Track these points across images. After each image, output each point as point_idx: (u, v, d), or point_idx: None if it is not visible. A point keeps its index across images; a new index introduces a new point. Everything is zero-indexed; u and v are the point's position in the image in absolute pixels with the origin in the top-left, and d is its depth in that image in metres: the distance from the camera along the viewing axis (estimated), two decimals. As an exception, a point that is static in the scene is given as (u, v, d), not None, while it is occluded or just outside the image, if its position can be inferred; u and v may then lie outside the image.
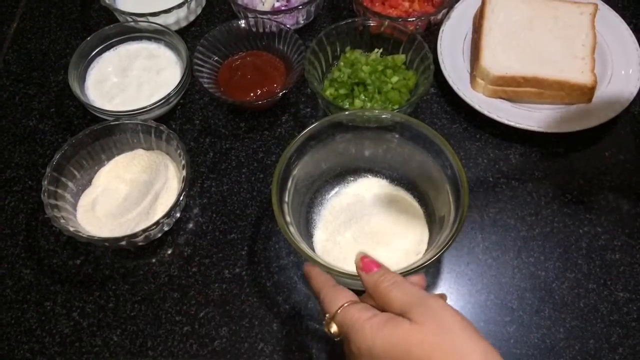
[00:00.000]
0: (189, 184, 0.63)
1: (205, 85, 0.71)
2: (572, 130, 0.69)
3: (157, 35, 0.77)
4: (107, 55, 0.77)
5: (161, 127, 0.66)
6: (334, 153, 0.63)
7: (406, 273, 0.52)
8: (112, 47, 0.77)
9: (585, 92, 0.70)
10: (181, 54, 0.75)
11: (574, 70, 0.71)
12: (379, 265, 0.48)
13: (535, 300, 0.61)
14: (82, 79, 0.74)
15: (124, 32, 0.77)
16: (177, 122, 0.75)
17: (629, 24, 0.78)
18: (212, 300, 0.62)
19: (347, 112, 0.61)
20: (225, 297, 0.62)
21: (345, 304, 0.45)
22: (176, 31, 0.82)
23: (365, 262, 0.48)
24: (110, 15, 0.84)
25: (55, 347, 0.59)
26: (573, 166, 0.70)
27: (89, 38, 0.75)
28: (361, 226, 0.61)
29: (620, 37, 0.76)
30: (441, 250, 0.52)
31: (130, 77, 0.75)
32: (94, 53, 0.76)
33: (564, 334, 0.59)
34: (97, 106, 0.71)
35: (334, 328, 0.45)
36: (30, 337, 0.60)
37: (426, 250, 0.60)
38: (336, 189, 0.66)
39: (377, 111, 0.62)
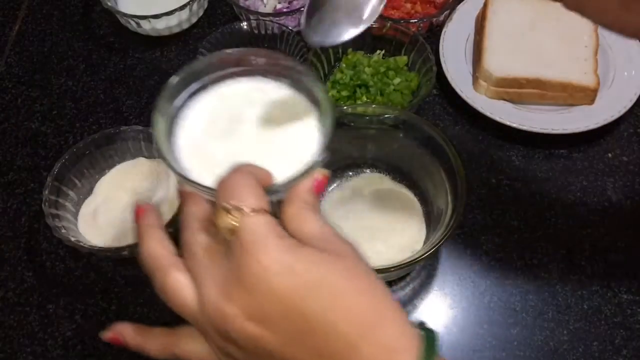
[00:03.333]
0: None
1: (208, 88, 0.71)
2: (575, 132, 0.69)
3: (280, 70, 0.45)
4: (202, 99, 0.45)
5: None
6: (336, 147, 0.63)
7: (400, 268, 0.52)
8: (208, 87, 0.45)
9: (588, 94, 0.70)
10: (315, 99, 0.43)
11: (576, 72, 0.71)
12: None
13: (538, 302, 0.61)
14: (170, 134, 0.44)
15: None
16: (179, 124, 0.74)
17: (631, 25, 0.77)
18: (214, 303, 0.61)
19: (349, 110, 0.61)
20: (227, 300, 0.61)
21: (259, 208, 0.33)
22: (178, 33, 0.82)
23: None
24: (112, 18, 0.84)
25: (57, 350, 0.59)
26: (576, 167, 0.70)
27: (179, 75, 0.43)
28: (358, 220, 0.62)
29: (623, 38, 0.76)
30: (435, 245, 0.52)
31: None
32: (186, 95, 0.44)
33: (568, 336, 0.59)
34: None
35: (228, 223, 0.33)
36: (32, 340, 0.60)
37: (422, 247, 0.60)
38: (337, 182, 0.66)
39: (378, 109, 0.62)
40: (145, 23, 0.78)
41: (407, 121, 0.60)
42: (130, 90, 0.78)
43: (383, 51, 0.75)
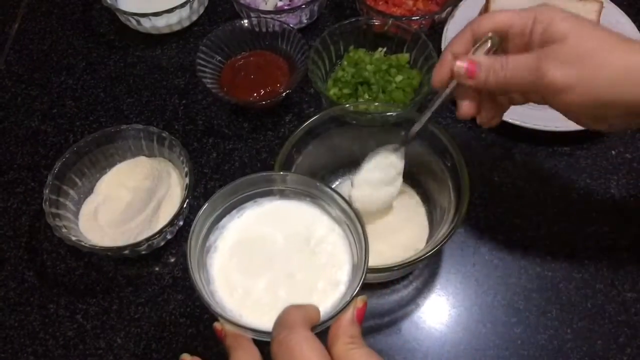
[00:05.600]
0: (193, 187, 0.62)
1: (208, 86, 0.71)
2: (578, 129, 0.68)
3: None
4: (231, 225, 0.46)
5: (163, 134, 0.65)
6: (338, 145, 0.64)
7: (405, 266, 0.52)
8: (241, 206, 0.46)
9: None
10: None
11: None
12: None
13: (542, 300, 0.60)
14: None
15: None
16: (180, 122, 0.74)
17: (634, 22, 0.77)
18: (216, 302, 0.61)
19: (352, 108, 0.61)
20: (229, 299, 0.61)
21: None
22: (178, 31, 0.82)
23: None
24: (112, 16, 0.84)
25: (58, 350, 0.59)
26: (579, 165, 0.69)
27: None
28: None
29: (626, 35, 0.76)
30: (439, 244, 0.52)
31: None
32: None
33: (572, 334, 0.59)
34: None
35: None
36: (33, 340, 0.60)
37: (425, 246, 0.60)
38: (339, 180, 0.66)
39: (380, 107, 0.62)
40: (146, 21, 0.78)
41: (409, 119, 0.60)
42: (131, 89, 0.78)
43: (385, 49, 0.75)
